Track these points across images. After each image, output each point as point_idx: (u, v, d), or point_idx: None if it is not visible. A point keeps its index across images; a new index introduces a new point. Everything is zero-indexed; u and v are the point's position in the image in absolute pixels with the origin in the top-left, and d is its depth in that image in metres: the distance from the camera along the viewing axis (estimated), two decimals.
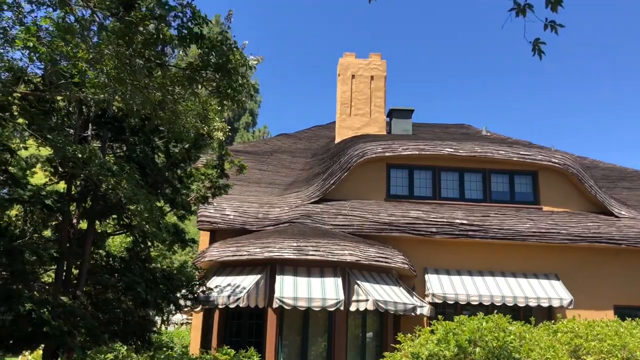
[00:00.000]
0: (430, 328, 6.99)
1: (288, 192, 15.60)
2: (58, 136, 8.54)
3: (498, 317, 6.65)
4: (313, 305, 11.58)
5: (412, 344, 6.73)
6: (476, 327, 6.11)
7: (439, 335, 6.33)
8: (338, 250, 12.42)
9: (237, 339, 12.74)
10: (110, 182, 7.30)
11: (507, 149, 15.55)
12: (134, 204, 7.52)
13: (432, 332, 6.88)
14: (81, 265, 9.39)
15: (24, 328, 7.68)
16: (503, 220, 14.73)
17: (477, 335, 6.05)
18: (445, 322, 6.71)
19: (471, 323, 6.36)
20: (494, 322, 6.41)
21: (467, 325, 6.31)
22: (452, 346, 6.05)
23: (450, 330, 6.31)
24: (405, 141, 15.58)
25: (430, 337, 6.54)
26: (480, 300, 13.80)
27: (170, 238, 9.55)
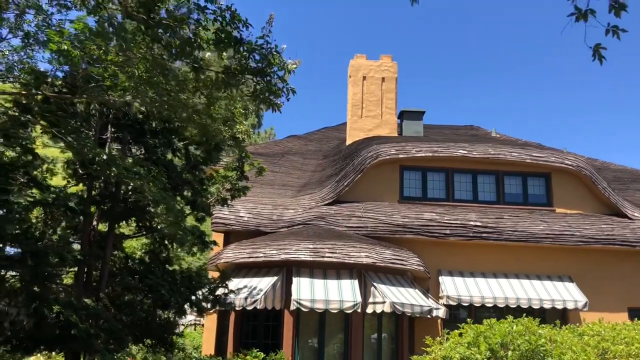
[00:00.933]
0: (459, 331, 6.99)
1: (301, 193, 15.61)
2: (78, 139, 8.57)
3: (528, 321, 6.66)
4: (330, 307, 11.59)
5: (442, 347, 6.73)
6: (507, 331, 6.11)
7: (470, 339, 6.33)
8: (354, 253, 12.43)
9: (253, 340, 12.74)
10: (137, 185, 7.29)
11: (520, 150, 15.56)
12: (160, 207, 7.51)
13: (460, 335, 6.88)
14: (102, 268, 9.39)
15: (51, 330, 7.68)
16: (517, 222, 14.73)
17: (509, 338, 6.05)
18: (475, 325, 6.71)
19: (501, 326, 6.36)
20: (524, 325, 6.41)
21: (497, 328, 6.31)
22: (483, 349, 6.05)
23: (480, 333, 6.31)
24: (418, 143, 15.59)
25: (460, 340, 6.54)
26: (494, 303, 13.79)
27: (195, 241, 9.56)
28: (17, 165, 9.54)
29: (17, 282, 9.72)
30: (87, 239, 9.65)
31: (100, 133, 10.31)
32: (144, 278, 9.08)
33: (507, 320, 6.78)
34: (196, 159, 9.83)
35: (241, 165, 10.24)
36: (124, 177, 7.61)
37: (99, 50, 6.12)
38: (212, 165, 10.04)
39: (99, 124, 10.06)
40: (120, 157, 7.37)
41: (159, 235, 9.98)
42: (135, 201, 9.99)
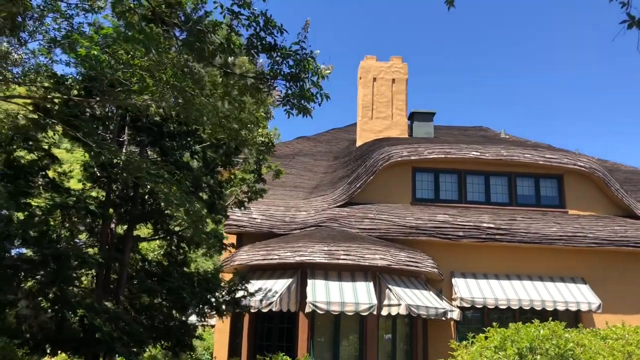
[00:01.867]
0: (485, 335, 6.99)
1: (313, 195, 15.61)
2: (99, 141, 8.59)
3: (554, 324, 6.64)
4: (346, 310, 11.58)
5: (468, 351, 6.73)
6: (534, 335, 6.10)
7: (496, 343, 6.32)
8: (369, 255, 12.43)
9: (267, 342, 12.75)
10: (160, 189, 7.30)
11: (533, 152, 15.54)
12: (182, 210, 7.52)
13: (485, 338, 6.87)
14: (121, 270, 9.41)
15: (73, 333, 7.69)
16: (530, 223, 14.71)
17: (537, 342, 6.04)
18: (501, 329, 6.70)
19: (528, 330, 6.35)
20: (550, 329, 6.40)
21: (524, 332, 6.30)
22: (511, 353, 6.04)
23: (507, 337, 6.30)
24: (430, 144, 15.58)
25: (486, 344, 6.53)
26: (508, 305, 13.78)
27: (217, 244, 9.56)
28: (36, 168, 9.58)
29: (34, 285, 9.76)
30: (105, 242, 9.67)
31: (118, 136, 10.33)
32: (162, 280, 9.08)
33: (533, 324, 6.76)
34: (214, 161, 9.83)
35: (259, 168, 10.24)
36: (147, 180, 7.62)
37: (127, 55, 6.12)
38: (230, 168, 10.03)
39: (116, 126, 10.09)
40: (144, 160, 7.35)
41: (176, 237, 9.98)
42: (153, 204, 10.01)
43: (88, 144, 9.66)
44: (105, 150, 7.88)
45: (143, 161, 7.40)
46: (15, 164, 9.24)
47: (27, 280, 9.43)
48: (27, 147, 9.35)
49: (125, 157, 8.00)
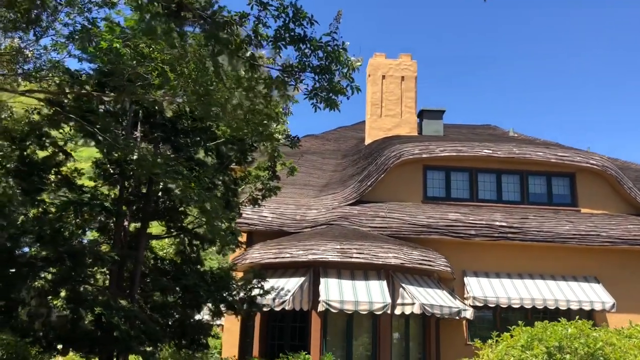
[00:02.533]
0: (510, 333, 6.88)
1: (323, 193, 15.49)
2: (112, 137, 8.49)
3: (582, 323, 6.53)
4: (360, 309, 11.47)
5: (495, 350, 6.61)
6: (563, 334, 5.99)
7: (523, 342, 6.21)
8: (382, 253, 12.31)
9: (279, 342, 12.63)
10: (179, 185, 7.19)
11: (545, 150, 15.41)
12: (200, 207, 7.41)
13: (510, 337, 6.76)
14: (134, 268, 9.30)
15: (89, 332, 7.58)
16: (542, 222, 14.58)
17: (565, 342, 5.93)
18: (527, 328, 6.59)
19: (555, 329, 6.23)
20: (577, 328, 6.29)
21: (551, 330, 6.19)
22: (538, 352, 5.92)
23: (534, 336, 6.19)
24: (442, 142, 15.46)
25: (513, 344, 6.42)
26: (521, 304, 13.66)
27: (236, 241, 9.46)
28: (49, 165, 9.47)
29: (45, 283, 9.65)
30: (118, 239, 9.56)
31: (131, 132, 10.22)
32: (177, 279, 8.97)
33: (560, 322, 6.65)
34: (229, 158, 9.72)
35: (273, 165, 10.13)
36: (165, 177, 7.50)
37: (149, 48, 6.01)
38: (245, 165, 9.92)
39: (129, 123, 9.97)
40: (163, 157, 7.24)
41: (190, 235, 9.87)
42: (167, 201, 9.91)
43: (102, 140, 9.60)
44: (121, 147, 7.78)
45: (162, 158, 7.28)
46: (28, 160, 9.14)
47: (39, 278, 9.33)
48: (41, 144, 9.24)
49: (142, 154, 7.89)
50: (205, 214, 7.69)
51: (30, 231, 7.91)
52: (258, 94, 5.56)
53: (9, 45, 10.48)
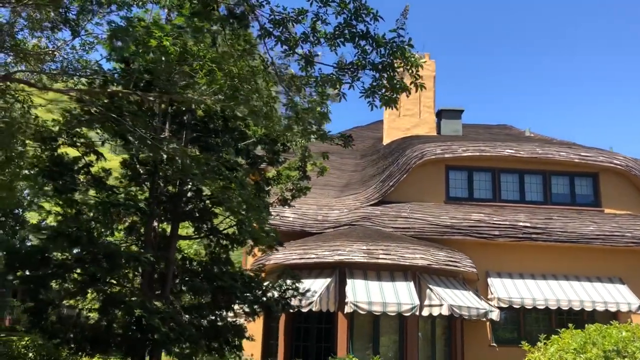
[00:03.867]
0: (559, 336, 6.76)
1: (345, 194, 15.38)
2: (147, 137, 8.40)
3: (635, 326, 6.41)
4: (388, 310, 11.35)
5: (546, 353, 6.50)
6: (618, 337, 5.87)
7: (576, 345, 6.10)
8: (409, 254, 12.20)
9: (305, 343, 12.53)
10: (218, 186, 7.08)
11: (568, 150, 15.30)
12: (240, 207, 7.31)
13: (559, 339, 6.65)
14: (167, 269, 9.19)
15: (128, 334, 7.48)
16: (566, 223, 14.47)
17: (621, 345, 5.82)
18: (577, 331, 6.48)
19: (609, 332, 6.12)
20: (630, 331, 6.17)
21: (606, 333, 6.08)
22: (593, 356, 5.81)
23: (588, 340, 6.08)
24: (464, 142, 15.34)
25: (564, 346, 6.31)
26: (546, 305, 13.54)
27: (275, 242, 9.36)
28: (80, 165, 9.38)
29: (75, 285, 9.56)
30: (149, 240, 9.45)
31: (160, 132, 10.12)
32: (211, 279, 8.87)
33: (612, 325, 6.54)
34: (262, 158, 9.62)
35: (304, 165, 10.02)
36: (204, 177, 7.40)
37: (197, 46, 5.91)
38: (277, 165, 9.82)
39: (160, 122, 9.87)
40: (205, 157, 7.14)
41: (220, 236, 9.77)
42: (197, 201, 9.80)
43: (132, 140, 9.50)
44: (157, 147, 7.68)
45: (203, 159, 7.18)
46: (59, 160, 9.05)
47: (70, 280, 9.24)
48: (72, 144, 9.14)
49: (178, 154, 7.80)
50: (246, 215, 7.58)
51: (66, 232, 7.80)
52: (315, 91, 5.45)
53: (35, 45, 10.41)
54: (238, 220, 9.60)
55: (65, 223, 8.16)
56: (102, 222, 9.09)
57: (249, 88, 5.90)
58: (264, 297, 9.11)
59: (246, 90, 6.20)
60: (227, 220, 10.06)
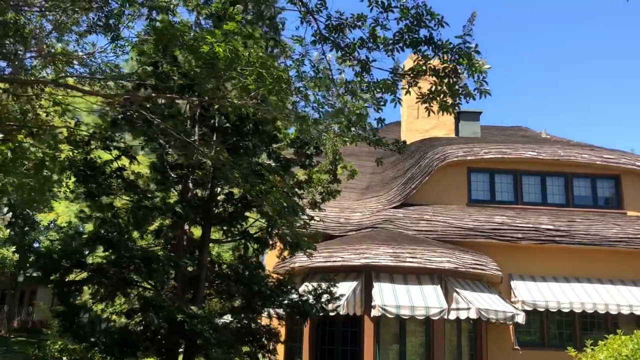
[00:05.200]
0: (605, 342, 6.72)
1: (366, 196, 15.34)
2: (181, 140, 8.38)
3: None
4: (416, 314, 11.31)
5: (596, 359, 6.45)
6: None
7: (627, 352, 6.05)
8: (435, 258, 12.15)
9: (330, 347, 12.49)
10: (259, 189, 7.05)
11: (590, 152, 15.24)
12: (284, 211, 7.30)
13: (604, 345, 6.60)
14: (199, 273, 9.16)
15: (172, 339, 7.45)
16: (589, 225, 14.40)
17: None
18: (626, 337, 6.43)
19: None
20: None
21: None
22: None
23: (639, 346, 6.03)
24: (485, 144, 15.30)
25: (613, 353, 6.26)
26: (571, 308, 13.48)
27: (313, 246, 9.34)
28: (114, 169, 9.36)
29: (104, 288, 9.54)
30: (181, 244, 9.43)
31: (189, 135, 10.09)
32: (245, 283, 8.83)
33: None
34: (293, 162, 9.60)
35: (334, 168, 9.99)
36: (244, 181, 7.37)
37: (247, 50, 5.87)
38: (309, 168, 9.78)
39: (189, 125, 9.85)
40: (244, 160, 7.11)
41: (251, 240, 9.74)
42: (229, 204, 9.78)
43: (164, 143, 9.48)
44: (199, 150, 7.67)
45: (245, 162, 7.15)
46: (92, 164, 9.03)
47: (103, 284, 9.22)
48: (105, 147, 9.12)
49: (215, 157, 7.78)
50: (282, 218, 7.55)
51: (105, 236, 7.78)
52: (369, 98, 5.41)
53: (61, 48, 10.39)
54: (269, 224, 9.58)
55: (101, 227, 8.14)
56: (135, 225, 9.08)
57: (290, 91, 5.86)
58: (300, 301, 9.07)
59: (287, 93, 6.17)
60: (256, 223, 10.03)
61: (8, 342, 29.65)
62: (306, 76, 5.84)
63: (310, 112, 6.15)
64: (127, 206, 8.75)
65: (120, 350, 9.31)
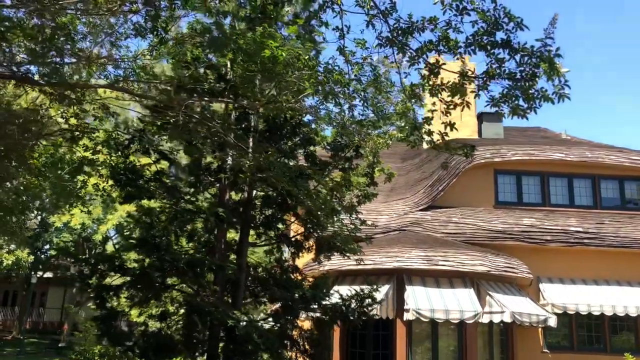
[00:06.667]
0: None
1: (392, 198, 15.25)
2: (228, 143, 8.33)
3: None
4: (451, 318, 11.21)
5: None
6: None
7: None
8: (468, 261, 12.06)
9: (361, 350, 12.41)
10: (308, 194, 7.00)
11: (619, 154, 15.13)
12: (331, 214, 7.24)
13: None
14: (239, 277, 9.09)
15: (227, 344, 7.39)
16: (618, 227, 14.29)
17: None
18: None
19: None
20: None
21: None
22: None
23: None
24: (512, 146, 15.20)
25: None
26: (601, 311, 13.37)
27: (360, 250, 9.27)
28: (152, 171, 9.31)
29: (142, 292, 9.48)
30: (220, 248, 9.36)
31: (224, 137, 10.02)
32: (286, 287, 8.77)
33: None
34: (329, 165, 9.53)
35: (372, 171, 9.91)
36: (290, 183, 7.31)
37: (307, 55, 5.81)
38: (349, 171, 9.70)
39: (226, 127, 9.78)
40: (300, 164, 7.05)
41: (289, 243, 9.67)
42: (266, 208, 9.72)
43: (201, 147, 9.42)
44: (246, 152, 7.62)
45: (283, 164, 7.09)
46: (132, 167, 8.97)
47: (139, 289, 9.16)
48: (145, 150, 9.07)
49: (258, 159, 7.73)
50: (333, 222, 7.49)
51: (152, 240, 7.73)
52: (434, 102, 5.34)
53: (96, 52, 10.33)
54: (307, 226, 9.51)
55: (149, 231, 8.09)
56: (176, 229, 9.02)
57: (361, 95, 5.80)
58: (344, 305, 8.99)
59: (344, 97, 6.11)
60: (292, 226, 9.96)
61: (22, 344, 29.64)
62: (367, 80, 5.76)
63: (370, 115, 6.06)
64: (164, 209, 8.69)
65: (155, 354, 9.28)
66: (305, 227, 9.55)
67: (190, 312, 7.78)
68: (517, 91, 4.81)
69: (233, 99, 7.50)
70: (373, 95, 5.95)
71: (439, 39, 4.94)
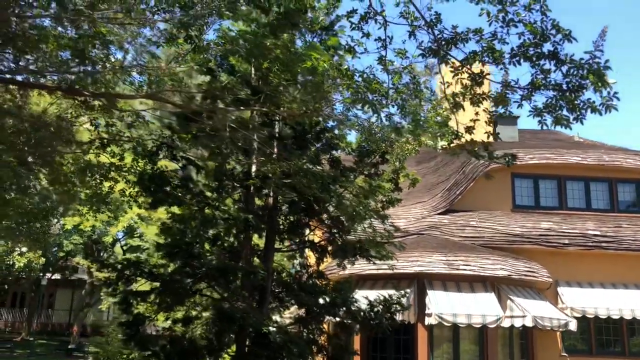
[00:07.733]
0: None
1: (409, 202, 15.25)
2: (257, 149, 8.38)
3: None
4: (473, 322, 11.23)
5: None
6: None
7: None
8: (489, 265, 12.08)
9: (382, 354, 12.44)
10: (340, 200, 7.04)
11: (635, 157, 15.13)
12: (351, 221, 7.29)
13: None
14: (266, 282, 9.13)
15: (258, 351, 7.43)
16: (636, 231, 14.29)
17: None
18: None
19: None
20: None
21: None
22: None
23: None
24: (529, 149, 15.21)
25: None
26: (620, 314, 13.38)
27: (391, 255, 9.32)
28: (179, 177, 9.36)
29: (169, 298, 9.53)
30: (246, 254, 9.41)
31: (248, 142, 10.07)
32: (313, 293, 8.80)
33: None
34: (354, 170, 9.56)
35: (396, 177, 9.94)
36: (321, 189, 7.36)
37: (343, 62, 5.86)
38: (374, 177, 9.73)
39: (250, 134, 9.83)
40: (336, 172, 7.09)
41: (314, 248, 9.70)
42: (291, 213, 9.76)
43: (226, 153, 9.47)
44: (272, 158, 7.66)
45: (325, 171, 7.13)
46: (160, 174, 9.03)
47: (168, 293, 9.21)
48: (173, 157, 9.12)
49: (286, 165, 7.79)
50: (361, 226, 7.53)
51: (184, 247, 7.78)
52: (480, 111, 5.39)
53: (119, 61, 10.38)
54: (333, 232, 9.56)
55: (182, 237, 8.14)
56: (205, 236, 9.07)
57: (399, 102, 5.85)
58: (372, 312, 9.03)
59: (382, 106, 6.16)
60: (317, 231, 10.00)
61: (32, 345, 29.71)
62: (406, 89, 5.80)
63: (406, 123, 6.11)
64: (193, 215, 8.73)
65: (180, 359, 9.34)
66: (331, 232, 9.59)
67: (220, 317, 7.81)
68: (561, 102, 4.82)
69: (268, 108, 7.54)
70: (412, 105, 5.97)
71: (483, 49, 4.96)
